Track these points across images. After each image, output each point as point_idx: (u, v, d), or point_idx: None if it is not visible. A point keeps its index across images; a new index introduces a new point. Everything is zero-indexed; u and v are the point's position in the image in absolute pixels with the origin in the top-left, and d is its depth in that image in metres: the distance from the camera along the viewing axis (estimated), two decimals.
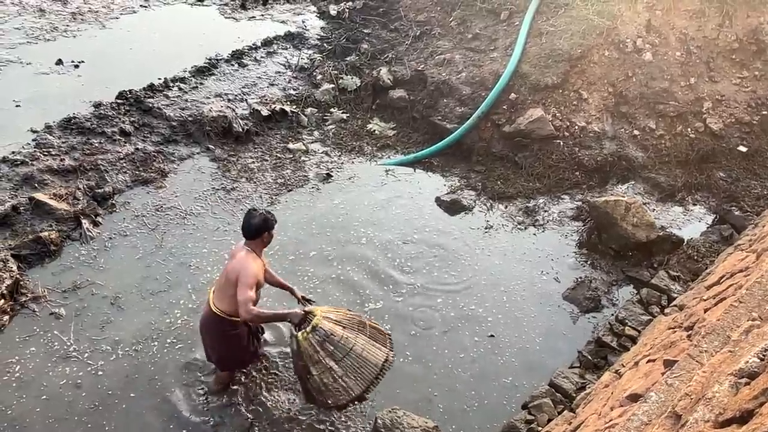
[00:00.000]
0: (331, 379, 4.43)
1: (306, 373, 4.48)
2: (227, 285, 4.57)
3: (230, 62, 9.36)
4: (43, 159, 7.03)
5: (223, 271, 4.71)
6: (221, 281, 4.67)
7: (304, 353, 4.43)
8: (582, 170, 7.94)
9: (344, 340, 4.47)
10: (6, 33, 9.47)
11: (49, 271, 6.02)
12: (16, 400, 4.87)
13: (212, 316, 4.66)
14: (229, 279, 4.54)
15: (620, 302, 6.23)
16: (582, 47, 8.64)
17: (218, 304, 4.64)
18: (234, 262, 4.59)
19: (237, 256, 4.63)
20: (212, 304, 4.65)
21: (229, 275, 4.55)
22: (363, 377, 4.48)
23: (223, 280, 4.65)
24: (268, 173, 7.61)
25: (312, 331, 4.42)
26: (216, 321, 4.66)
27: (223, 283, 4.63)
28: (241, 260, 4.57)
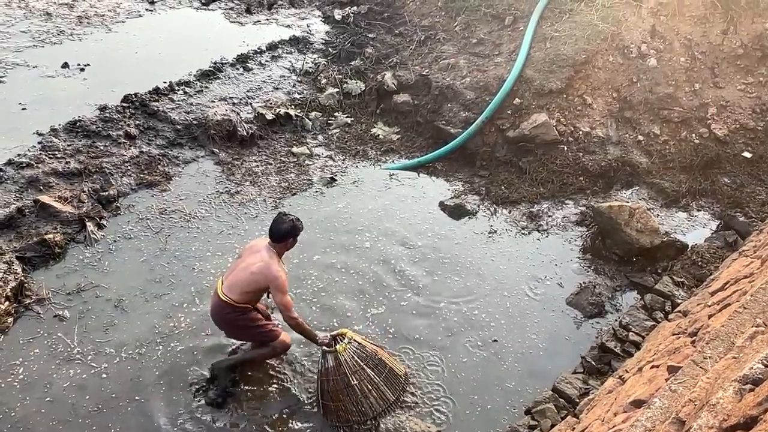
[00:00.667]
0: (370, 386, 4.85)
1: (345, 386, 4.80)
2: (247, 283, 4.76)
3: (235, 66, 9.38)
4: (48, 161, 7.06)
5: (240, 265, 4.86)
6: (240, 276, 4.79)
7: (344, 364, 4.80)
8: (586, 175, 7.93)
9: (374, 352, 4.98)
10: (12, 36, 9.52)
11: (53, 274, 6.04)
12: (20, 401, 4.88)
13: (222, 304, 4.83)
14: (253, 280, 4.74)
15: (624, 308, 6.21)
16: (586, 52, 8.64)
17: (229, 293, 4.80)
18: (259, 264, 4.75)
19: (260, 256, 4.80)
20: (221, 293, 4.80)
21: (255, 276, 4.74)
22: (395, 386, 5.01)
23: (242, 275, 4.78)
24: (272, 177, 7.63)
25: (349, 343, 4.88)
26: (226, 308, 4.85)
27: (242, 279, 4.77)
28: (269, 265, 4.76)
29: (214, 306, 4.99)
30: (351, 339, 4.93)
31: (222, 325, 5.09)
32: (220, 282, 4.95)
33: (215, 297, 4.94)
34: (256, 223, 6.89)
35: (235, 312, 4.89)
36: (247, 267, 4.81)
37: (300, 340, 5.30)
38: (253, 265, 4.78)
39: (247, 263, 4.84)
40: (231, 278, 4.87)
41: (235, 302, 4.83)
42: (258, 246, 4.96)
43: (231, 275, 4.90)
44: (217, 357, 5.32)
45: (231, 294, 4.82)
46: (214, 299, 4.96)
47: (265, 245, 4.92)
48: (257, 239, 5.16)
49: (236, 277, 4.84)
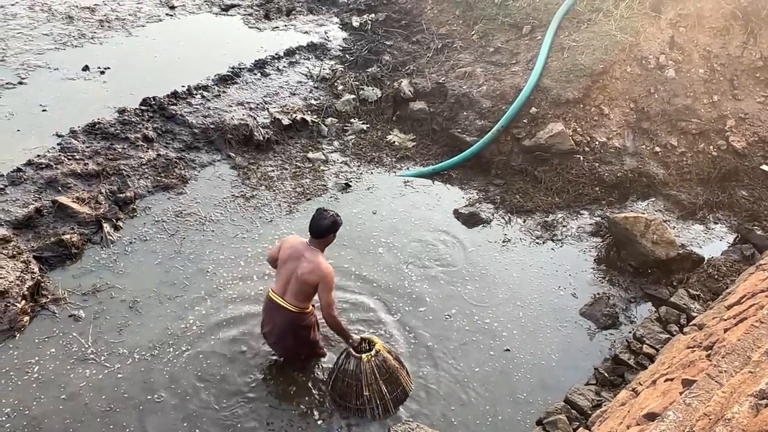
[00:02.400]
0: (378, 399, 4.98)
1: (356, 392, 4.94)
2: (305, 285, 4.85)
3: (253, 71, 9.45)
4: (67, 163, 7.13)
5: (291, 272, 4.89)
6: (299, 282, 4.85)
7: (363, 373, 4.92)
8: (602, 186, 7.90)
9: (394, 369, 5.06)
10: (35, 39, 9.65)
11: (69, 274, 6.10)
12: (36, 399, 4.93)
13: (293, 315, 4.94)
14: (309, 281, 4.83)
15: (638, 320, 6.17)
16: (604, 63, 8.62)
17: (295, 302, 4.92)
18: (309, 266, 4.82)
19: (307, 258, 4.86)
20: (287, 304, 4.91)
21: (309, 277, 4.81)
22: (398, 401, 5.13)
23: (298, 282, 4.85)
24: (287, 182, 7.66)
25: (375, 355, 4.96)
26: (298, 318, 4.98)
27: (299, 286, 4.86)
28: (319, 264, 4.84)
29: (282, 320, 5.00)
30: (378, 351, 5.00)
31: (287, 337, 5.10)
32: (275, 295, 4.97)
33: (281, 311, 4.96)
34: (270, 228, 6.92)
35: (305, 317, 5.04)
36: (298, 272, 4.86)
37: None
38: (304, 268, 4.84)
39: (296, 268, 4.88)
40: (291, 287, 4.92)
41: (303, 309, 4.98)
42: (298, 247, 4.97)
43: (289, 285, 4.93)
44: (228, 361, 5.35)
45: (297, 302, 4.93)
46: (280, 314, 4.97)
47: (303, 244, 4.96)
48: (292, 239, 5.13)
49: (294, 285, 4.91)
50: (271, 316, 5.08)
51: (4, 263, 5.76)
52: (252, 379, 5.27)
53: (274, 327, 5.10)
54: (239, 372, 5.32)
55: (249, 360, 5.43)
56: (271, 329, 5.14)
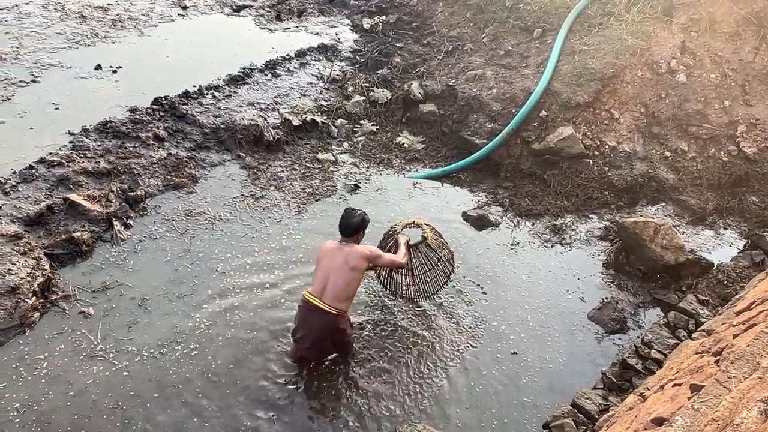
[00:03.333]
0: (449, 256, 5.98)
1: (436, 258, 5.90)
2: (350, 282, 5.05)
3: (264, 72, 9.49)
4: (78, 161, 7.18)
5: (332, 272, 5.03)
6: (340, 281, 4.99)
7: (432, 244, 5.79)
8: (611, 190, 7.88)
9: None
10: (48, 38, 9.73)
11: (79, 271, 6.14)
12: (44, 395, 4.96)
13: (333, 318, 5.02)
14: (353, 275, 5.04)
15: (647, 325, 6.15)
16: (615, 67, 8.60)
17: (336, 305, 5.01)
18: (349, 259, 5.03)
19: (344, 252, 5.08)
20: (328, 307, 4.98)
21: (358, 268, 5.06)
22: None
23: (343, 279, 5.00)
24: (296, 182, 7.69)
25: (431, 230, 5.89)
26: (338, 321, 5.07)
27: (344, 283, 5.01)
28: (357, 248, 5.12)
29: (318, 323, 5.04)
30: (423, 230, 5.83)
31: (324, 342, 5.16)
32: (314, 299, 5.02)
33: (317, 314, 5.00)
34: (279, 228, 6.95)
35: (343, 321, 5.15)
36: (341, 268, 5.03)
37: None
38: (345, 263, 5.03)
39: (339, 264, 5.04)
40: (331, 289, 5.00)
41: (343, 311, 5.08)
42: (331, 246, 5.20)
43: (329, 286, 5.01)
44: (236, 361, 5.37)
45: (338, 304, 5.01)
46: (317, 317, 5.01)
47: (336, 243, 5.20)
48: (327, 243, 5.29)
49: (336, 285, 5.00)
50: (307, 320, 5.09)
51: (16, 260, 5.80)
52: (260, 378, 5.28)
53: (309, 332, 5.09)
54: (247, 372, 5.33)
55: (257, 359, 5.44)
56: (305, 334, 5.12)
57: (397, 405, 5.21)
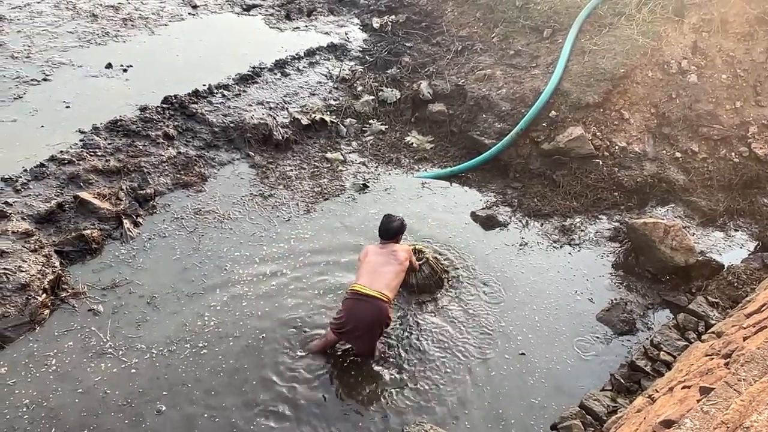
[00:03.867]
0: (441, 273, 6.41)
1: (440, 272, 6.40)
2: (398, 273, 5.44)
3: (273, 71, 9.50)
4: (89, 159, 7.22)
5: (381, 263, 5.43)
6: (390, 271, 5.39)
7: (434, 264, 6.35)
8: (621, 191, 7.84)
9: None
10: (60, 36, 9.79)
11: (89, 269, 6.17)
12: (53, 392, 4.99)
13: (384, 306, 5.26)
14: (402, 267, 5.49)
15: (656, 326, 6.12)
16: (625, 67, 8.56)
17: (387, 291, 5.29)
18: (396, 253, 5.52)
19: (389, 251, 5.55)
20: (381, 295, 5.23)
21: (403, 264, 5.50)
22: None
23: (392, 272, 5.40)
24: (305, 181, 7.70)
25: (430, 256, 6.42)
26: (388, 308, 5.31)
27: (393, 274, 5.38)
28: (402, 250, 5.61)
29: (375, 312, 5.22)
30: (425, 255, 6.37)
31: (375, 327, 5.33)
32: (364, 288, 5.24)
33: (371, 302, 5.20)
34: (288, 227, 6.96)
35: (391, 309, 5.44)
36: (389, 263, 5.45)
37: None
38: (393, 258, 5.48)
39: (384, 261, 5.46)
40: (380, 278, 5.33)
41: (390, 300, 5.35)
42: (376, 249, 5.61)
43: (378, 276, 5.33)
44: (244, 360, 5.39)
45: (387, 291, 5.30)
46: (371, 305, 5.20)
47: (379, 247, 5.63)
48: (368, 246, 5.71)
49: (386, 274, 5.37)
50: (358, 309, 5.24)
51: (26, 257, 5.84)
52: (269, 376, 5.29)
53: (360, 322, 5.24)
54: (256, 371, 5.34)
55: (266, 359, 5.45)
56: (357, 324, 5.25)
57: (404, 405, 5.20)
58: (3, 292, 5.53)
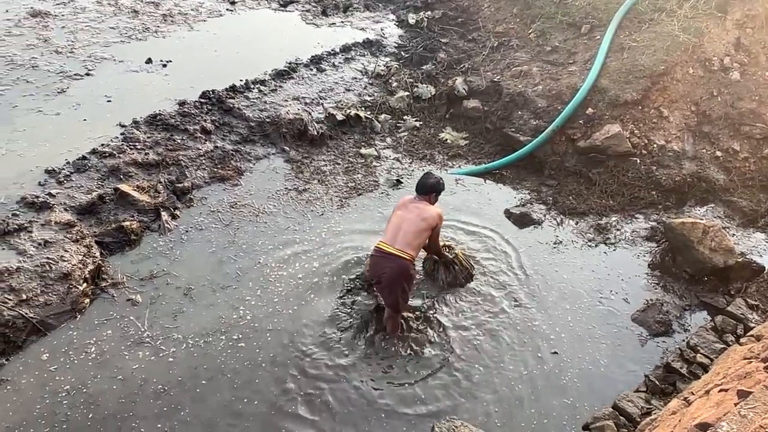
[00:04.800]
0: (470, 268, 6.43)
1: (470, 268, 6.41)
2: (420, 232, 5.51)
3: (309, 67, 9.58)
4: (129, 152, 7.38)
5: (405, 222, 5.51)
6: (411, 229, 5.47)
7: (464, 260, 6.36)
8: (658, 190, 7.72)
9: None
10: (102, 32, 10.00)
11: (128, 259, 6.31)
12: (92, 378, 5.13)
13: (405, 263, 5.42)
14: (426, 224, 5.52)
15: (692, 328, 6.01)
16: (665, 64, 8.41)
17: (408, 250, 5.44)
18: (423, 211, 5.55)
19: (421, 207, 5.60)
20: (400, 252, 5.39)
21: (427, 221, 5.52)
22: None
23: (414, 227, 5.48)
24: (339, 176, 7.75)
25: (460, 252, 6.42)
26: (410, 266, 5.47)
27: (414, 231, 5.48)
28: (430, 207, 5.64)
29: (396, 269, 5.41)
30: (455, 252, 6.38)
31: (397, 285, 5.48)
32: (386, 246, 5.46)
33: (391, 259, 5.41)
34: (322, 221, 7.02)
35: (413, 267, 5.54)
36: (415, 218, 5.52)
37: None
38: (418, 215, 5.53)
39: (412, 216, 5.54)
40: (402, 236, 5.45)
41: (413, 257, 5.49)
42: (405, 200, 5.76)
43: (400, 234, 5.46)
44: (278, 350, 5.47)
45: (409, 250, 5.44)
46: (390, 262, 5.41)
47: (411, 199, 5.74)
48: (404, 197, 5.90)
49: (408, 233, 5.47)
50: (380, 266, 5.49)
51: (68, 247, 6.01)
52: (301, 371, 5.35)
53: (383, 277, 5.48)
54: (289, 365, 5.40)
55: (296, 353, 5.51)
56: (379, 279, 5.54)
57: (435, 400, 5.22)
58: (46, 281, 5.70)
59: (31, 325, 5.42)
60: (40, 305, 5.55)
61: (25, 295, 5.54)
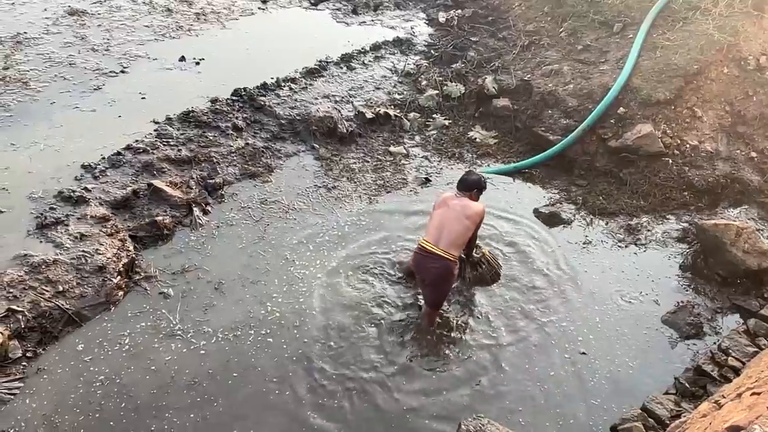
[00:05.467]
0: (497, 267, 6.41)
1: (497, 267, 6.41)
2: (467, 229, 5.53)
3: (339, 65, 9.64)
4: (162, 148, 7.51)
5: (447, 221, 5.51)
6: (455, 229, 5.47)
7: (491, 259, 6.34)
8: (691, 191, 7.62)
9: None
10: (137, 30, 10.18)
11: (161, 254, 6.43)
12: (125, 369, 5.24)
13: (450, 264, 5.46)
14: (471, 222, 5.54)
15: (724, 331, 5.93)
16: (699, 63, 8.28)
17: (452, 250, 5.46)
18: (466, 209, 5.55)
19: (463, 204, 5.60)
20: (446, 252, 5.42)
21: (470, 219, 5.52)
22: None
23: (458, 227, 5.48)
24: (368, 174, 7.79)
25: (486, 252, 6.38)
26: (453, 266, 5.50)
27: (460, 231, 5.49)
28: (476, 206, 5.62)
29: (440, 269, 5.47)
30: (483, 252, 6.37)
31: (441, 285, 5.60)
32: (430, 245, 5.47)
33: (438, 260, 5.43)
34: (350, 218, 7.06)
35: (456, 267, 5.55)
36: (457, 218, 5.50)
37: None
38: (461, 212, 5.52)
39: (455, 214, 5.52)
40: (446, 236, 5.46)
41: (457, 257, 5.52)
42: (449, 199, 5.69)
43: (444, 233, 5.47)
44: (305, 350, 5.53)
45: (453, 250, 5.46)
46: (434, 261, 5.45)
47: (453, 195, 5.72)
48: (444, 194, 5.89)
49: (452, 232, 5.47)
50: (424, 265, 5.56)
51: (103, 240, 6.14)
52: (329, 367, 5.41)
53: (426, 276, 5.58)
54: (316, 360, 5.46)
55: (324, 350, 5.57)
56: (422, 277, 5.66)
57: (461, 397, 5.24)
58: (82, 273, 5.84)
59: (67, 316, 5.56)
60: (75, 297, 5.69)
61: (61, 287, 5.69)
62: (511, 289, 6.29)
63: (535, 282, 6.41)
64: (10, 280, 5.62)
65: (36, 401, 4.97)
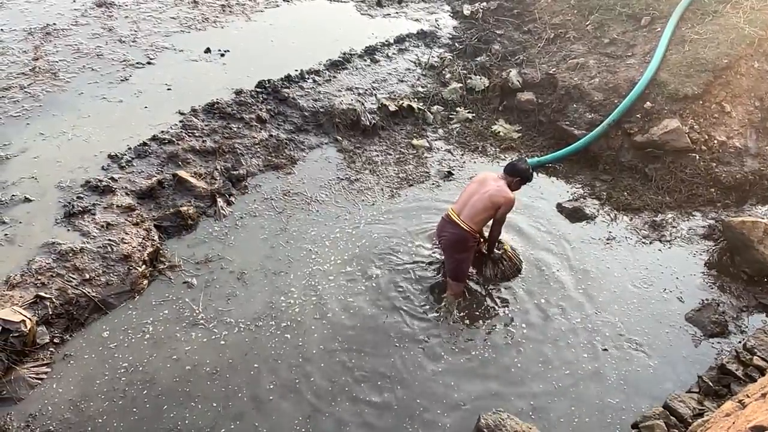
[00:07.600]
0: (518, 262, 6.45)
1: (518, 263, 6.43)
2: (486, 208, 5.65)
3: (363, 57, 9.64)
4: (187, 139, 7.59)
5: (475, 195, 5.71)
6: (479, 205, 5.65)
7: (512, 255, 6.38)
8: (718, 187, 7.50)
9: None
10: (163, 22, 10.28)
11: (185, 243, 6.51)
12: (148, 357, 5.33)
13: (465, 234, 5.68)
14: (492, 203, 5.63)
15: (750, 330, 5.85)
16: (729, 57, 8.13)
17: (470, 223, 5.67)
18: (496, 188, 5.67)
19: (499, 185, 5.71)
20: (464, 223, 5.66)
21: (493, 198, 5.62)
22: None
23: (480, 205, 5.65)
24: (390, 167, 7.79)
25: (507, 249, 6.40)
26: (468, 237, 5.70)
27: (480, 208, 5.65)
28: (505, 188, 5.70)
29: (454, 236, 5.74)
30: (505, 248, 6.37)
31: (453, 251, 5.83)
32: (454, 213, 5.75)
33: (454, 226, 5.72)
34: (372, 211, 7.08)
35: (472, 239, 5.75)
36: (485, 192, 5.66)
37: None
38: (491, 193, 5.63)
39: (484, 191, 5.67)
40: (469, 209, 5.68)
41: (474, 231, 5.71)
42: (486, 175, 5.88)
43: (468, 206, 5.70)
44: (325, 341, 5.56)
45: (471, 223, 5.66)
46: (453, 228, 5.73)
47: (493, 174, 5.89)
48: (485, 172, 6.11)
49: (474, 207, 5.67)
50: (444, 229, 5.85)
51: (129, 230, 6.24)
52: (348, 358, 5.44)
53: (444, 241, 5.86)
54: (335, 351, 5.51)
55: (343, 341, 5.61)
56: (440, 241, 5.98)
57: (481, 392, 5.23)
58: (108, 262, 5.94)
59: (93, 303, 5.67)
60: (101, 285, 5.79)
61: (88, 275, 5.80)
62: (533, 284, 6.26)
63: (558, 277, 6.37)
64: (38, 267, 5.74)
65: (62, 386, 5.08)
